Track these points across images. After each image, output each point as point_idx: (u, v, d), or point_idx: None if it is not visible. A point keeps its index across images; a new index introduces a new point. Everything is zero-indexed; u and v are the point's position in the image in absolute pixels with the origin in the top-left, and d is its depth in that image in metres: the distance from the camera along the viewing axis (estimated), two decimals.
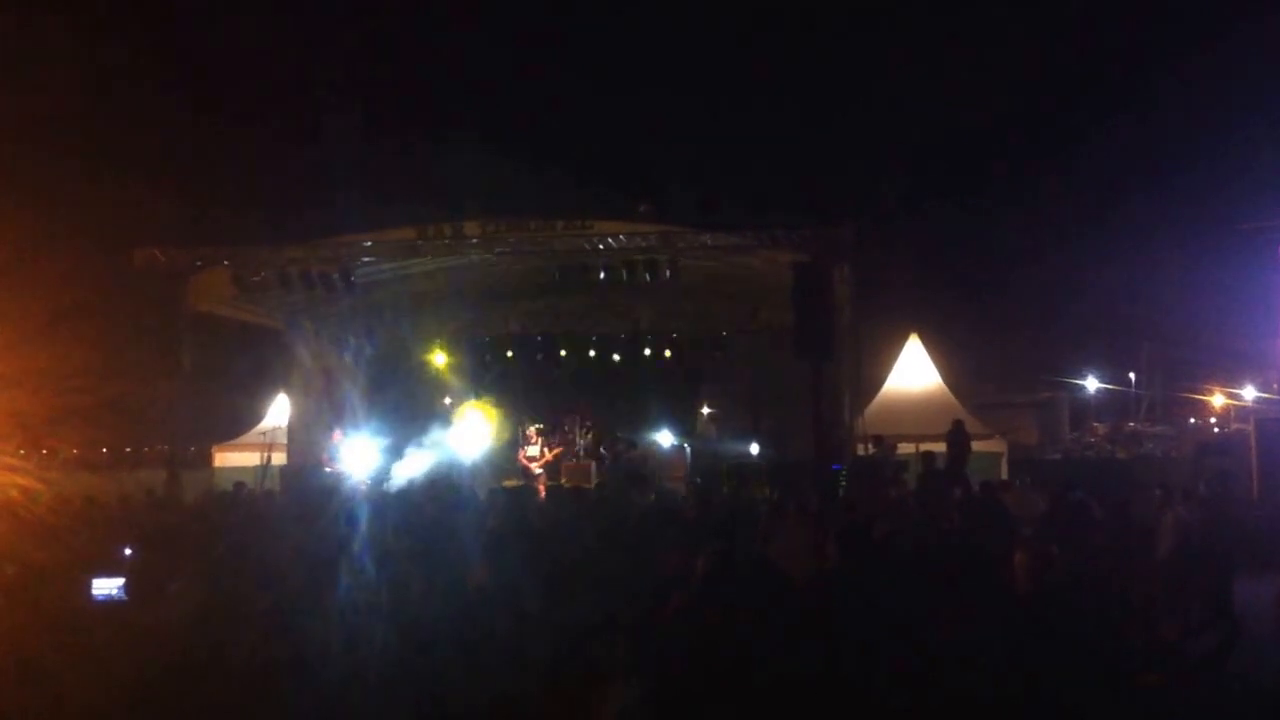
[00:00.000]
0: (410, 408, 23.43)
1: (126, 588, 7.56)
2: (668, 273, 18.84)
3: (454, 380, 25.24)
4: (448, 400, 25.42)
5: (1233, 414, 37.55)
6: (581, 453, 23.32)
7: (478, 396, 24.29)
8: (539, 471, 21.76)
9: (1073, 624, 5.47)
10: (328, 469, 20.05)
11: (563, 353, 25.13)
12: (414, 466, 20.62)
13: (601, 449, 22.70)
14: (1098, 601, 6.31)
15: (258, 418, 24.77)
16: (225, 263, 19.47)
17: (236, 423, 25.39)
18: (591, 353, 25.08)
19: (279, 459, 21.43)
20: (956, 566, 7.35)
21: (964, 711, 5.03)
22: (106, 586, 7.64)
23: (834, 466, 17.17)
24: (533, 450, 22.24)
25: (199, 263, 19.54)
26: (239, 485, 17.08)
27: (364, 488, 18.34)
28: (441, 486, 15.18)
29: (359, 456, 20.58)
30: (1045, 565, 6.53)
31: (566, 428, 23.89)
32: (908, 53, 73.17)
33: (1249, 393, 37.74)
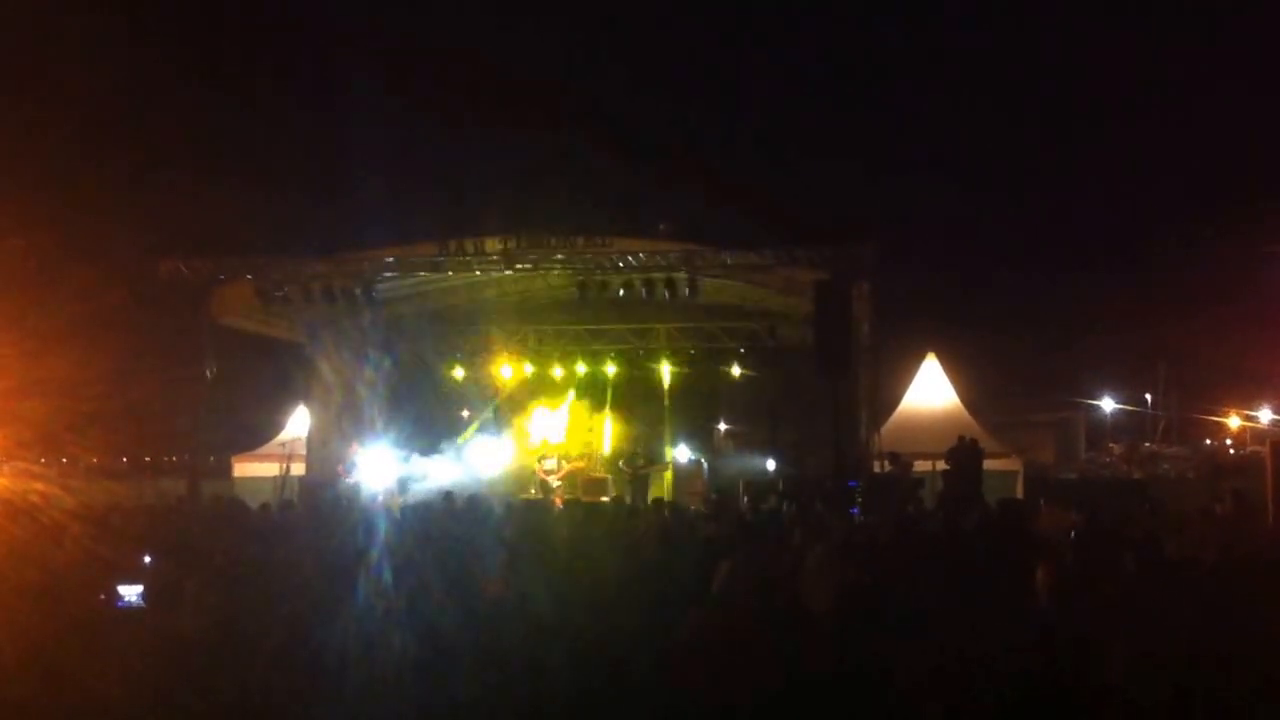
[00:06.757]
0: (429, 421, 23.55)
1: (145, 594, 7.62)
2: (687, 290, 18.90)
3: (473, 394, 25.39)
4: (465, 413, 25.54)
5: (1249, 436, 37.41)
6: (598, 467, 23.42)
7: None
8: (556, 485, 21.84)
9: (1093, 638, 5.49)
10: (345, 481, 20.14)
11: (581, 367, 25.20)
12: (432, 479, 20.73)
13: (621, 464, 22.77)
14: (1119, 618, 6.32)
15: (278, 429, 24.85)
16: (248, 276, 19.63)
17: (256, 434, 25.47)
18: (610, 368, 25.14)
19: (298, 470, 21.54)
20: (977, 582, 7.37)
21: None
22: (127, 593, 7.71)
23: (850, 483, 17.19)
24: (550, 464, 22.33)
25: (222, 275, 19.74)
26: (264, 507, 17.12)
27: (381, 500, 18.42)
28: (459, 499, 15.24)
29: (377, 469, 20.68)
30: (1066, 581, 6.55)
31: (584, 442, 24.01)
32: (931, 71, 73.24)
33: (1265, 415, 37.63)
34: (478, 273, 20.56)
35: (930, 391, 24.27)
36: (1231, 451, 36.22)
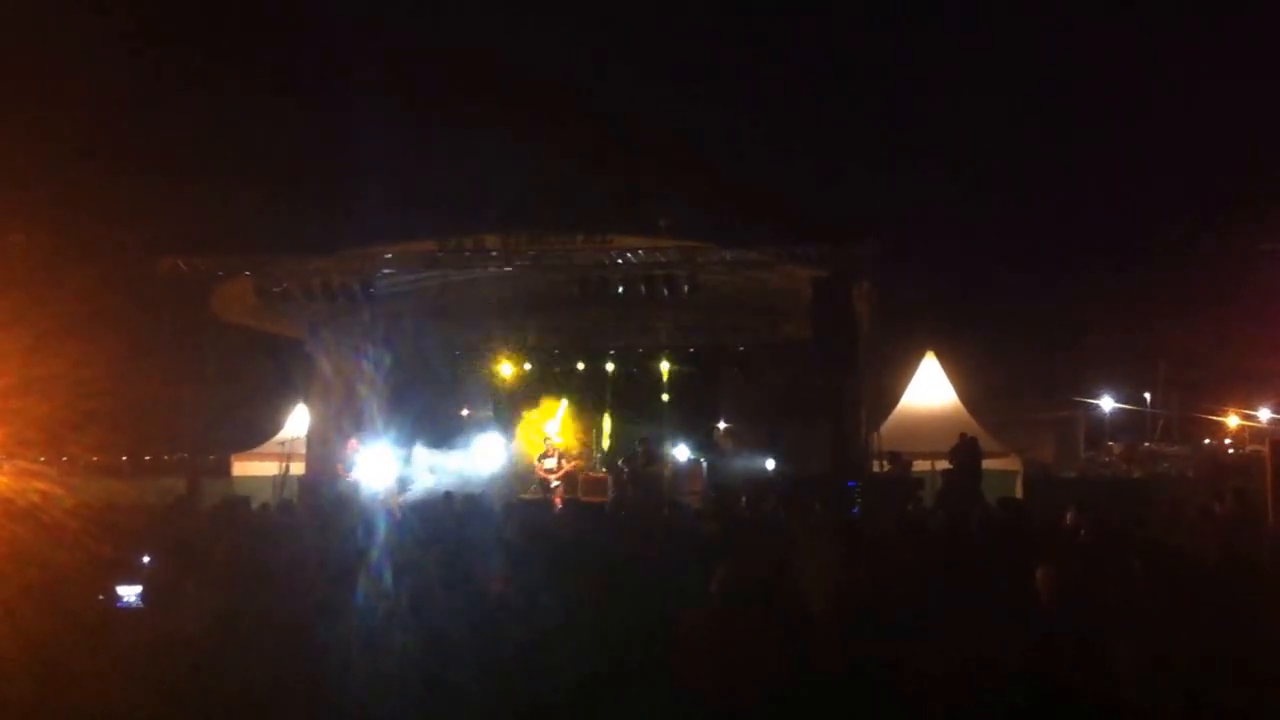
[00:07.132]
0: (429, 419, 23.51)
1: (144, 595, 7.62)
2: (686, 288, 18.84)
3: (472, 391, 25.37)
4: (465, 412, 25.51)
5: (1248, 435, 37.38)
6: (598, 466, 23.40)
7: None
8: (556, 484, 21.80)
9: (1094, 638, 5.48)
10: (345, 479, 20.12)
11: (580, 365, 25.16)
12: (432, 477, 20.71)
13: (620, 463, 22.74)
14: (1120, 618, 6.32)
15: (277, 427, 24.83)
16: (248, 273, 19.60)
17: (256, 432, 25.43)
18: (609, 366, 25.09)
19: (297, 469, 21.51)
20: (978, 582, 7.37)
21: None
22: (126, 593, 7.71)
23: (850, 483, 17.19)
24: (550, 463, 22.30)
25: (221, 272, 19.70)
26: (263, 506, 17.09)
27: (382, 498, 18.41)
28: (459, 499, 15.22)
29: (376, 467, 20.66)
30: (1067, 581, 6.55)
31: (584, 441, 23.98)
32: (931, 70, 73.22)
33: (1264, 414, 37.60)
34: (477, 270, 20.52)
35: (930, 391, 24.28)
36: (1231, 451, 36.17)
